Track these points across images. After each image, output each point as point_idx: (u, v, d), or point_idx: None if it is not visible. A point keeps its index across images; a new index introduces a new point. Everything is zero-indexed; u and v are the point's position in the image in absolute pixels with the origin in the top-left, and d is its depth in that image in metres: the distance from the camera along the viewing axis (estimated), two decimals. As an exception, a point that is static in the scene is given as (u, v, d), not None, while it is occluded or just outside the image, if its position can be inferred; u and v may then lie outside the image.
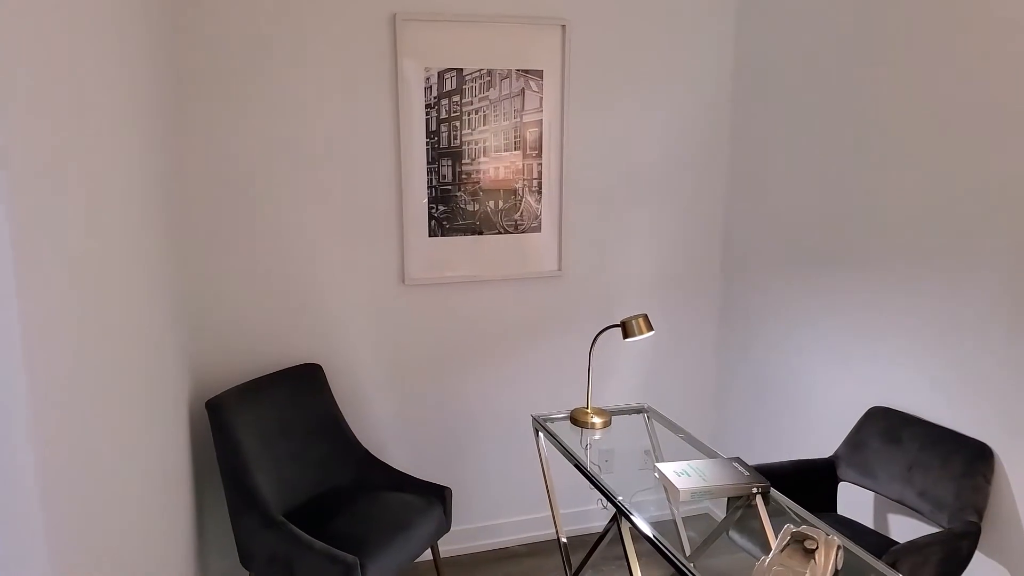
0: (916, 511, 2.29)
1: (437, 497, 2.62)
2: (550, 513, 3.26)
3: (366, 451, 2.76)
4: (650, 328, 2.29)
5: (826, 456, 2.57)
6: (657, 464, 2.12)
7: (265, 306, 2.75)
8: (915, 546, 1.99)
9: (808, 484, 2.50)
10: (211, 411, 2.41)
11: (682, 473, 2.07)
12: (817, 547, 1.64)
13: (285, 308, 2.78)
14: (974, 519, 2.12)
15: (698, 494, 2.00)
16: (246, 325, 2.74)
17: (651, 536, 1.87)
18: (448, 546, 3.14)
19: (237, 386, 2.53)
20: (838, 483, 2.53)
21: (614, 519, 2.10)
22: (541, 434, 2.54)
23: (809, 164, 2.80)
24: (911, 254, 2.38)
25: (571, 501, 3.30)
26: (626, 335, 2.31)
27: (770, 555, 1.67)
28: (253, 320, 2.74)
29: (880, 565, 1.76)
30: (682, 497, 1.99)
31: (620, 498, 2.03)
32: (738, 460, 2.17)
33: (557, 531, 2.48)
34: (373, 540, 2.35)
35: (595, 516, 3.33)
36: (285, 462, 2.57)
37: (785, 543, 1.68)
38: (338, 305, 2.84)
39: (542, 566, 3.08)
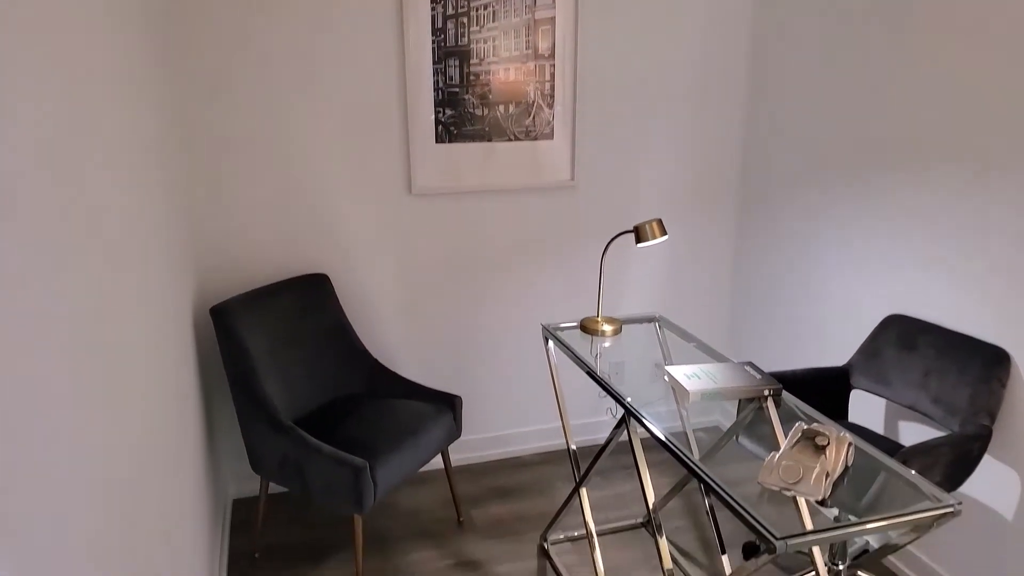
0: (928, 417, 2.27)
1: (447, 404, 2.63)
2: (560, 424, 3.28)
3: (375, 360, 2.76)
4: (664, 232, 2.24)
5: (841, 364, 2.54)
6: (667, 367, 2.09)
7: (270, 214, 2.71)
8: (926, 447, 1.97)
9: (820, 392, 2.48)
10: (216, 316, 2.40)
11: (692, 376, 2.04)
12: (828, 443, 1.62)
13: (290, 216, 2.73)
14: (987, 422, 2.09)
15: (708, 395, 1.98)
16: (251, 234, 2.70)
17: (659, 436, 1.85)
18: (459, 455, 3.17)
19: (242, 294, 2.52)
20: (850, 391, 2.51)
21: (622, 422, 2.09)
22: (551, 342, 2.52)
23: (831, 70, 2.67)
24: (930, 160, 2.29)
25: (580, 412, 3.32)
26: (639, 240, 2.25)
27: (780, 451, 1.65)
28: (258, 228, 2.71)
29: (890, 462, 1.74)
30: (691, 399, 1.97)
31: (629, 399, 2.01)
32: (750, 364, 2.14)
33: (567, 439, 2.49)
34: (382, 444, 2.36)
35: (604, 427, 3.35)
36: (293, 370, 2.58)
37: (796, 440, 1.66)
38: (345, 215, 2.79)
39: (552, 474, 3.12)
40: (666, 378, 2.09)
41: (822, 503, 1.56)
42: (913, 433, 2.46)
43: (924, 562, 2.44)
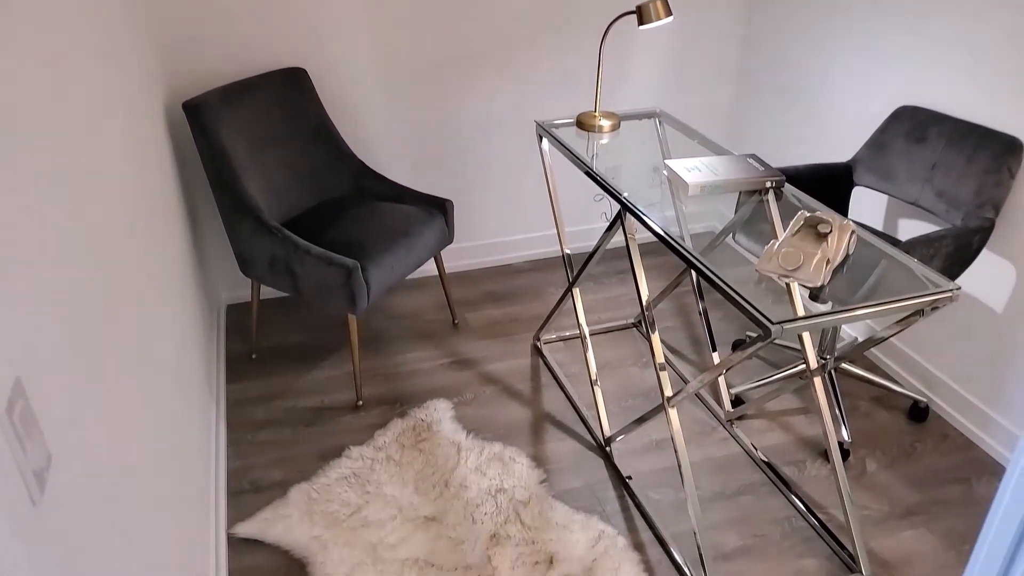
0: (931, 212, 2.22)
1: (438, 208, 2.56)
2: (552, 231, 3.24)
3: (362, 163, 2.65)
4: (669, 13, 2.05)
5: (844, 160, 2.45)
6: (666, 161, 2.00)
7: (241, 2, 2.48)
8: (927, 238, 1.94)
9: (823, 188, 2.41)
10: (189, 112, 2.26)
11: (693, 169, 1.96)
12: (831, 231, 1.58)
13: (262, 2, 2.50)
14: (990, 215, 2.05)
15: (709, 188, 1.90)
16: (220, 24, 2.49)
17: (656, 229, 1.80)
18: (452, 263, 3.16)
19: (216, 88, 2.36)
20: (852, 188, 2.44)
21: (617, 219, 2.03)
22: (545, 141, 2.40)
23: None
24: (972, -77, 2.06)
25: (573, 219, 3.26)
26: (641, 21, 2.07)
27: (781, 238, 1.61)
28: (228, 17, 2.49)
29: (891, 250, 1.71)
30: (691, 191, 1.90)
31: (626, 195, 1.94)
32: (753, 156, 2.05)
33: (561, 243, 2.44)
34: (373, 246, 2.32)
35: (597, 234, 3.32)
36: (276, 171, 2.48)
37: (798, 227, 1.61)
38: (323, 2, 2.56)
39: (544, 280, 3.13)
40: (665, 172, 2.01)
41: (818, 292, 1.53)
42: (913, 230, 2.42)
43: (909, 355, 2.49)
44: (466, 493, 2.09)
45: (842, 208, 2.43)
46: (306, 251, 2.21)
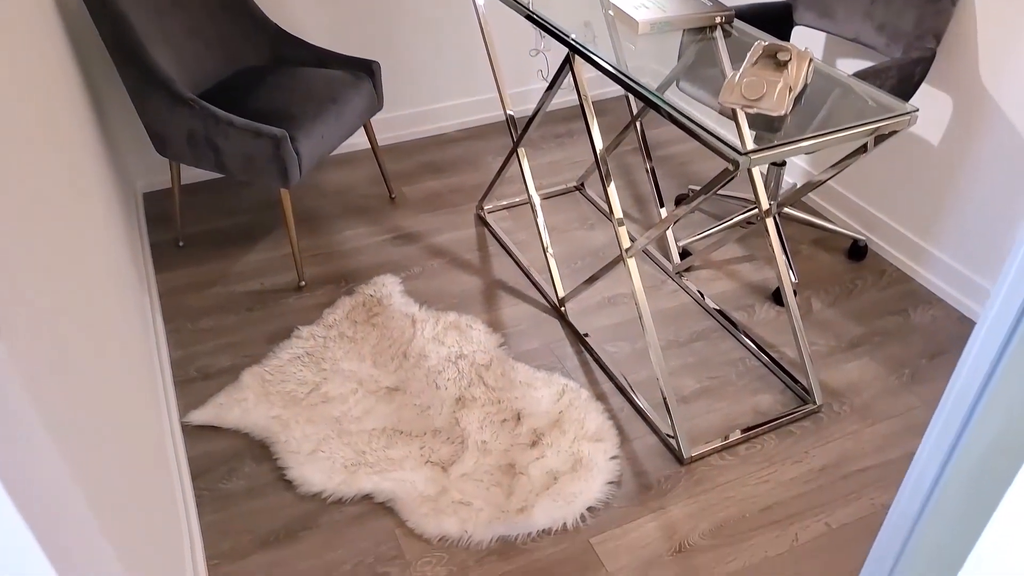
0: (871, 48, 2.21)
1: (365, 71, 2.39)
2: (488, 95, 3.10)
3: (277, 27, 2.43)
4: None
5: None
6: (613, 0, 1.89)
7: None
8: (874, 70, 1.92)
9: (762, 28, 2.35)
10: (77, -29, 1.99)
11: (640, 6, 1.86)
12: (790, 59, 1.53)
13: None
14: (931, 45, 2.04)
15: (659, 26, 1.82)
16: None
17: (607, 67, 1.72)
18: (384, 134, 3.00)
19: (103, -56, 2.08)
20: (792, 28, 2.40)
21: (564, 66, 1.94)
22: (476, -10, 2.24)
23: None
24: None
25: (508, 82, 3.13)
26: None
27: (740, 69, 1.55)
28: None
29: (848, 79, 1.68)
30: (641, 29, 1.81)
31: (573, 35, 1.84)
32: (699, -6, 1.96)
33: (503, 103, 2.33)
34: (300, 114, 2.16)
35: (534, 96, 3.20)
36: (183, 39, 2.24)
37: (757, 56, 1.56)
38: None
39: (482, 148, 3.02)
40: (611, 12, 1.91)
41: (780, 122, 1.50)
42: (855, 67, 2.41)
43: (846, 196, 2.54)
44: (426, 362, 2.07)
45: (783, 51, 2.39)
46: (228, 123, 2.04)
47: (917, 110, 1.51)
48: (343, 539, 1.66)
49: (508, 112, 2.37)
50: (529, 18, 1.96)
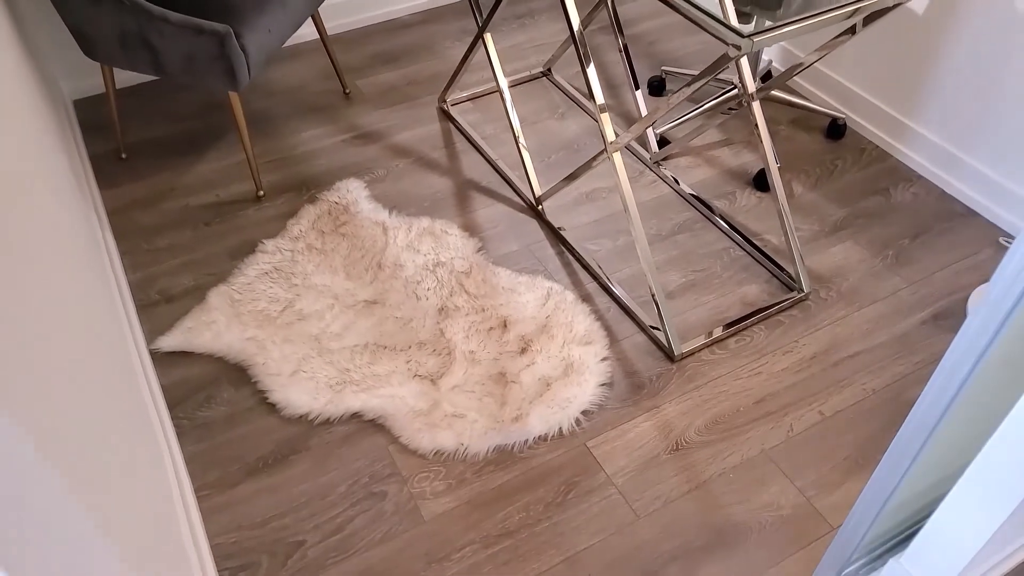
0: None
1: (309, -47, 2.15)
2: (439, -25, 2.86)
3: (204, -98, 2.15)
4: None
5: None
6: None
7: None
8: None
9: None
10: None
11: None
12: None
13: None
14: (924, -95, 1.90)
15: None
16: None
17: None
18: (332, 23, 2.76)
19: None
20: None
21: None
22: None
23: None
24: None
25: (461, -40, 2.88)
26: None
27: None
28: None
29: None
30: None
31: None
32: None
33: (462, -25, 2.13)
34: (242, 6, 1.94)
35: (489, -24, 2.96)
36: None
37: (754, -75, 1.41)
38: None
39: (438, 33, 2.81)
40: None
41: (779, 3, 1.38)
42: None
43: (824, 73, 2.45)
44: (403, 272, 1.97)
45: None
46: (163, 19, 1.82)
47: (924, -20, 1.41)
48: (335, 460, 1.62)
49: (470, -6, 2.17)
50: None
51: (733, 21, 1.61)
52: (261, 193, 2.19)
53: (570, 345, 1.80)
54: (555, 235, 2.09)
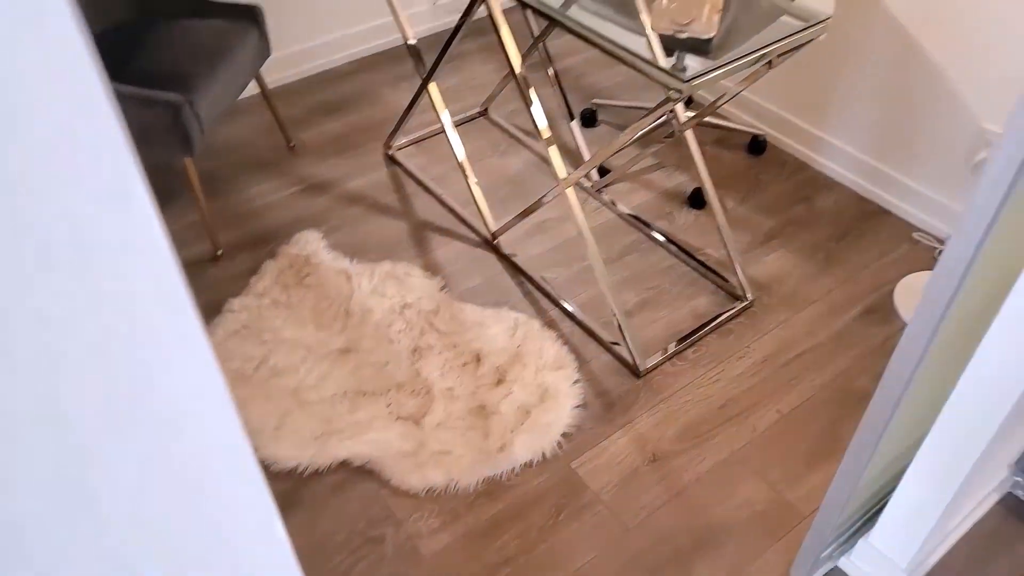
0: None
1: (248, 18, 2.21)
2: (375, 22, 2.94)
3: (138, -26, 2.19)
4: None
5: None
6: (515, -77, 1.82)
7: None
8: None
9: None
10: None
11: (545, -71, 1.80)
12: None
13: None
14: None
15: (569, -52, 1.77)
16: None
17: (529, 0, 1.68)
18: (272, 76, 2.81)
19: None
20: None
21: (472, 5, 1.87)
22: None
23: None
24: None
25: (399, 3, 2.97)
26: None
27: (666, -7, 1.56)
28: None
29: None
30: (552, -45, 1.76)
31: (485, -34, 1.76)
32: (599, -92, 1.92)
33: (403, 33, 2.23)
34: (192, 73, 1.99)
35: (420, 20, 3.06)
36: None
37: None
38: None
39: (376, 81, 2.89)
40: (516, -64, 1.84)
41: (709, 43, 1.53)
42: (737, -31, 2.45)
43: (742, 94, 2.64)
44: (372, 317, 2.04)
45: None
46: (115, 93, 1.84)
47: (830, 15, 1.58)
48: (330, 510, 1.66)
49: (410, 42, 2.27)
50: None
51: (662, 62, 1.76)
52: (219, 252, 2.21)
53: (543, 372, 1.90)
54: (514, 268, 2.19)
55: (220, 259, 2.20)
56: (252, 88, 2.78)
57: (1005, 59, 1.93)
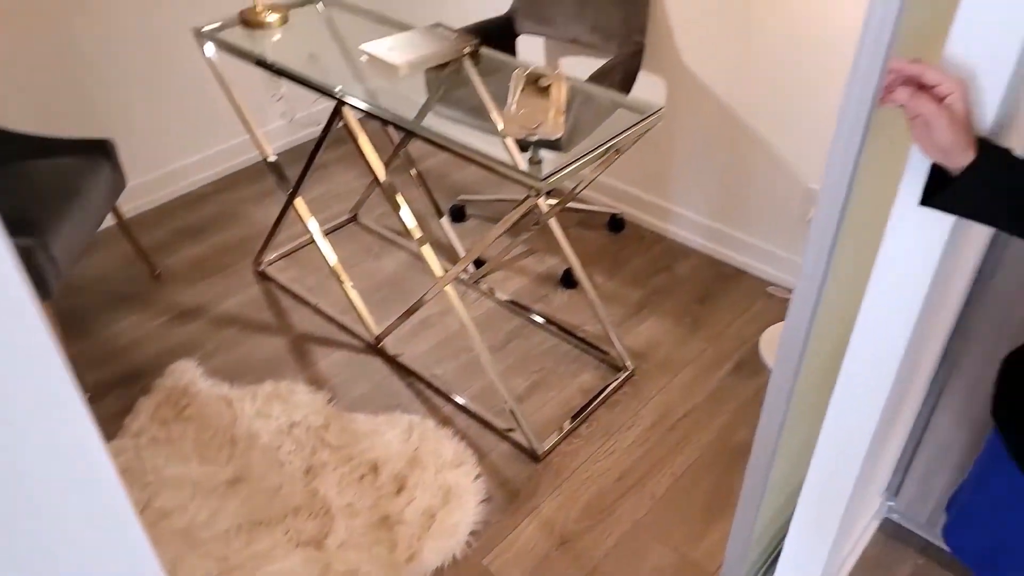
0: (590, 46, 2.46)
1: (100, 153, 2.17)
2: (231, 142, 2.95)
3: (-26, 119, 2.11)
4: None
5: (503, 13, 2.57)
6: (362, 47, 1.92)
7: None
8: (603, 71, 2.16)
9: (490, 42, 2.51)
10: None
11: (392, 49, 1.91)
12: (551, 83, 1.68)
13: None
14: (639, 39, 2.34)
15: (416, 64, 1.88)
16: None
17: (383, 116, 1.75)
18: (129, 205, 2.73)
19: None
20: (516, 37, 2.59)
21: (336, 115, 1.93)
22: (211, 49, 2.13)
23: None
24: None
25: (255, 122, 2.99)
26: None
27: (510, 101, 1.68)
28: None
29: (593, 88, 1.88)
30: (401, 72, 1.86)
31: (338, 88, 1.84)
32: (439, 25, 2.05)
33: (262, 151, 2.25)
34: (44, 216, 1.92)
35: (277, 135, 3.10)
36: None
37: (521, 87, 1.69)
38: None
39: (236, 199, 2.87)
40: (364, 58, 1.93)
41: (558, 142, 1.65)
42: (578, 65, 2.66)
43: (605, 181, 2.82)
44: (259, 442, 1.97)
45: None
46: (-45, 245, 1.75)
47: (662, 107, 1.75)
48: (237, 654, 1.56)
49: (271, 159, 2.30)
50: (281, 74, 1.92)
51: (520, 163, 1.88)
52: (88, 395, 2.09)
53: (443, 471, 1.90)
54: (401, 368, 2.20)
55: (90, 401, 2.08)
56: (110, 219, 2.70)
57: (820, 124, 2.19)
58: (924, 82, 0.80)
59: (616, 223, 2.73)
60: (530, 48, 2.73)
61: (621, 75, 2.24)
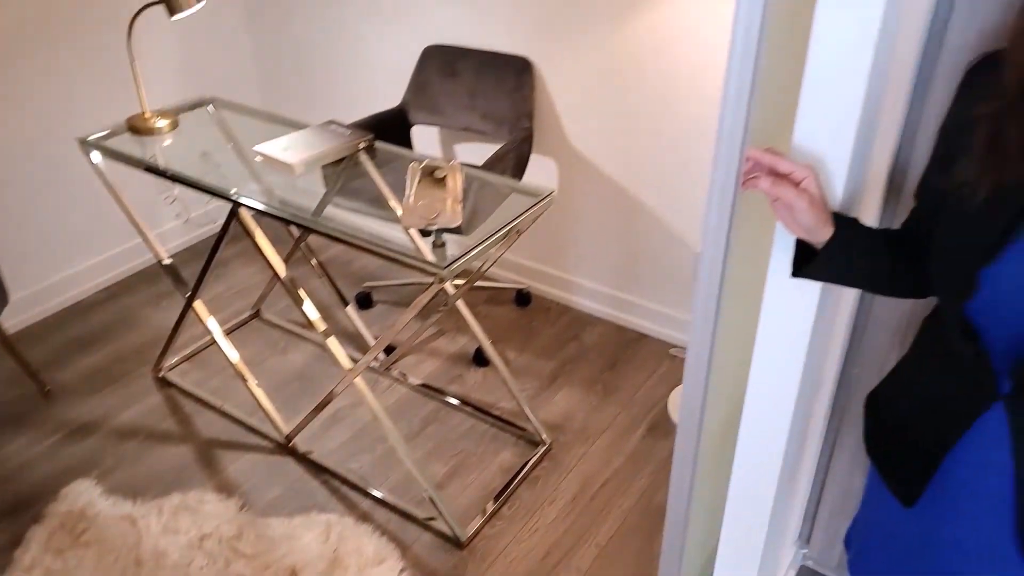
0: (482, 133, 2.56)
1: (-22, 268, 2.07)
2: (122, 247, 2.86)
3: None
4: (197, -4, 1.92)
5: (396, 105, 2.65)
6: (256, 147, 1.93)
7: None
8: (496, 157, 2.25)
9: (384, 134, 2.56)
10: None
11: (286, 148, 1.93)
12: (446, 174, 1.74)
13: None
14: (527, 124, 2.46)
15: (311, 162, 1.91)
16: None
17: (283, 216, 1.76)
18: (13, 319, 2.59)
19: None
20: (411, 128, 2.66)
21: (233, 215, 1.92)
22: (98, 156, 2.10)
23: None
24: None
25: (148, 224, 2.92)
26: (172, 12, 1.90)
27: (408, 194, 1.72)
28: None
29: (487, 175, 1.96)
30: (297, 171, 1.88)
31: (233, 191, 1.84)
32: (332, 122, 2.10)
33: (156, 254, 2.20)
34: (-83, 341, 1.80)
35: (171, 237, 3.03)
36: None
37: (417, 179, 1.74)
38: None
39: (129, 304, 2.78)
40: (259, 159, 1.95)
41: (459, 230, 1.70)
42: (471, 151, 2.76)
43: (509, 258, 2.89)
44: (167, 560, 1.87)
45: (406, 147, 2.64)
46: None
47: (553, 191, 1.83)
48: None
49: (166, 262, 2.25)
50: (175, 180, 1.90)
51: (423, 250, 1.91)
52: (-30, 532, 1.93)
53: (366, 570, 1.84)
54: (315, 466, 2.14)
55: (-28, 539, 1.92)
56: (-11, 337, 2.55)
57: (701, 193, 2.34)
58: (779, 171, 0.89)
59: (523, 297, 2.79)
60: (425, 137, 2.81)
61: (514, 160, 2.33)
